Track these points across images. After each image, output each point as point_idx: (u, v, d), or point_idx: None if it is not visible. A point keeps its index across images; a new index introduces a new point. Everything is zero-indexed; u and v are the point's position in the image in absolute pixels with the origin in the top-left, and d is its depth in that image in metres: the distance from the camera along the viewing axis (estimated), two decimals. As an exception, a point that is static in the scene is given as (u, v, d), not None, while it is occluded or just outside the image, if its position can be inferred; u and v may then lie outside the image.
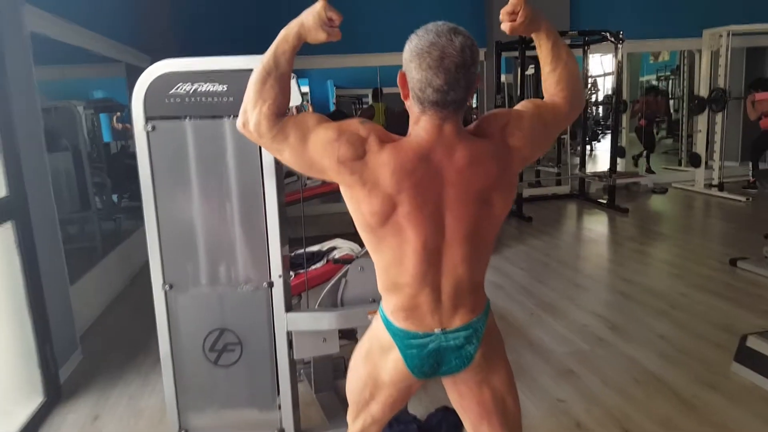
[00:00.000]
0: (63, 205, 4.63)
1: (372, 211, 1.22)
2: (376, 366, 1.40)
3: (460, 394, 1.44)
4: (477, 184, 1.24)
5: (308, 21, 1.23)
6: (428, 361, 1.34)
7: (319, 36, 1.25)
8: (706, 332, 3.22)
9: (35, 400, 2.75)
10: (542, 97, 1.43)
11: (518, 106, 1.36)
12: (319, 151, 1.22)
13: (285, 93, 1.26)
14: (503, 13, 1.30)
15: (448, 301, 1.31)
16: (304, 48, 1.31)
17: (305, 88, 9.38)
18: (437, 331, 1.32)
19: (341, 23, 1.26)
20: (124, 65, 5.42)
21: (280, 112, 1.25)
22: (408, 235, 1.24)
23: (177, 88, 2.10)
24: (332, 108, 9.36)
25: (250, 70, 2.01)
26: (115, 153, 6.73)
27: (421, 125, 1.24)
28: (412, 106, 1.25)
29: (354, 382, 1.48)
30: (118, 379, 3.07)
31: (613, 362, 2.94)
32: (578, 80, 1.41)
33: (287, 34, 1.25)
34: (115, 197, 6.27)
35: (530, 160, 1.36)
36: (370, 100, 9.03)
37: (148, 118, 2.12)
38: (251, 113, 1.24)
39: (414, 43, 1.19)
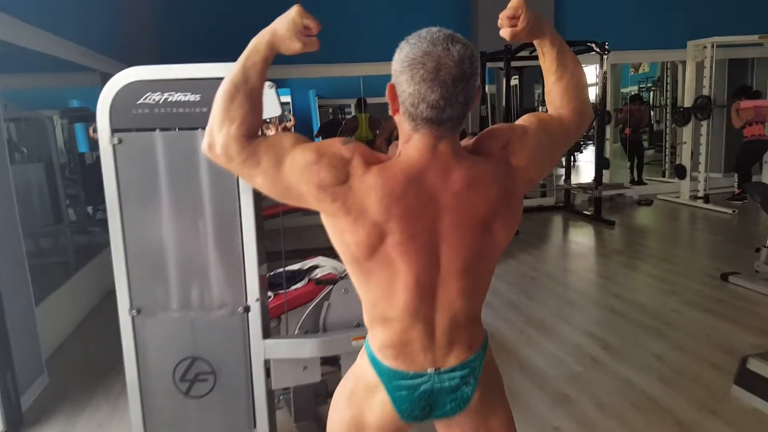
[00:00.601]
0: (34, 218, 4.45)
1: (358, 241, 1.07)
2: (360, 408, 1.25)
3: None
4: (476, 209, 1.10)
5: (281, 29, 1.10)
6: (420, 404, 1.20)
7: (294, 46, 1.11)
8: (703, 352, 3.12)
9: (-6, 430, 2.56)
10: (531, 109, 1.30)
11: (520, 121, 1.22)
12: (297, 176, 1.07)
13: (256, 111, 1.11)
14: (503, 18, 1.17)
15: (443, 338, 1.17)
16: (284, 57, 1.16)
17: (286, 98, 9.23)
18: (430, 371, 1.18)
19: (319, 32, 1.12)
20: (99, 74, 5.23)
21: (251, 133, 1.10)
22: (398, 267, 1.10)
23: (145, 98, 1.96)
24: (316, 118, 9.20)
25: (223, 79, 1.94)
26: (91, 164, 6.52)
27: (412, 144, 1.10)
28: (402, 123, 1.11)
29: (336, 425, 1.32)
30: (87, 404, 2.90)
31: (609, 385, 2.82)
32: (586, 90, 1.28)
33: (258, 43, 1.11)
34: (90, 209, 6.05)
35: (536, 180, 1.23)
36: (353, 110, 8.90)
37: (114, 131, 1.98)
38: (218, 134, 1.09)
39: (405, 52, 1.04)
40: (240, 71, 1.10)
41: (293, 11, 1.09)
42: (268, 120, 9.72)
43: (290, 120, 7.97)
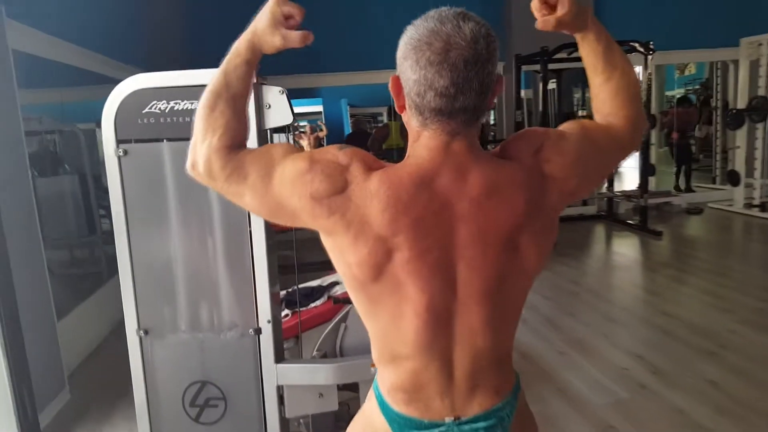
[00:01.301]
0: (67, 230, 4.48)
1: (360, 261, 0.90)
2: None
3: None
4: (498, 221, 0.91)
5: (260, 24, 0.97)
6: None
7: (275, 40, 0.97)
8: (764, 378, 2.84)
9: (10, 447, 2.50)
10: (570, 115, 1.10)
11: (561, 127, 1.03)
12: (288, 189, 0.91)
13: (240, 119, 0.98)
14: (536, 5, 1.00)
15: (464, 381, 0.98)
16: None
17: (318, 107, 9.19)
18: (448, 420, 0.99)
19: (304, 20, 0.97)
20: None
21: (235, 144, 0.96)
22: (408, 291, 0.91)
23: (151, 107, 1.85)
24: (348, 127, 9.12)
25: (233, 85, 1.81)
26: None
27: (421, 143, 0.92)
28: (410, 120, 0.94)
29: None
30: (105, 422, 2.85)
31: (659, 415, 2.58)
32: (639, 94, 1.09)
33: (238, 45, 0.99)
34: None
35: (576, 195, 1.02)
36: (385, 118, 8.79)
37: (119, 142, 1.87)
38: (199, 149, 0.96)
39: (409, 34, 0.88)
40: (220, 77, 0.99)
41: (270, 1, 0.95)
42: (301, 129, 9.73)
43: (322, 129, 7.90)
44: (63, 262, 4.44)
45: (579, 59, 1.11)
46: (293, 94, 1.89)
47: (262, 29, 0.96)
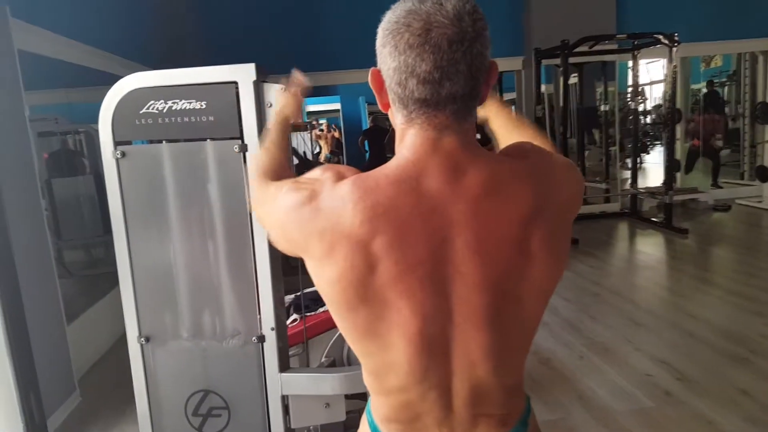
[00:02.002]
0: (82, 230, 4.49)
1: (339, 275, 0.78)
2: None
3: None
4: (502, 225, 0.78)
5: (288, 109, 1.33)
6: None
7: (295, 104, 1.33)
8: (798, 386, 2.69)
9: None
10: (592, 109, 1.01)
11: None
12: (273, 217, 0.89)
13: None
14: None
15: (465, 410, 0.86)
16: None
17: (336, 105, 9.13)
18: None
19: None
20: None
21: None
22: (397, 313, 0.79)
23: (149, 107, 1.79)
24: (366, 125, 9.06)
25: (232, 83, 1.73)
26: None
27: (406, 142, 0.81)
28: (395, 118, 0.84)
29: None
30: (114, 426, 2.83)
31: (684, 424, 2.45)
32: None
33: (272, 131, 1.25)
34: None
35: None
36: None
37: (117, 143, 1.81)
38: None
39: (387, 19, 0.78)
40: (266, 157, 1.14)
41: (292, 88, 1.32)
42: (320, 129, 9.67)
43: (333, 129, 7.86)
44: (79, 262, 4.45)
45: (601, 52, 1.04)
46: (311, 93, 1.82)
47: (290, 110, 1.30)
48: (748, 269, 4.73)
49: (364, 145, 7.74)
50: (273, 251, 1.83)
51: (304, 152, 7.29)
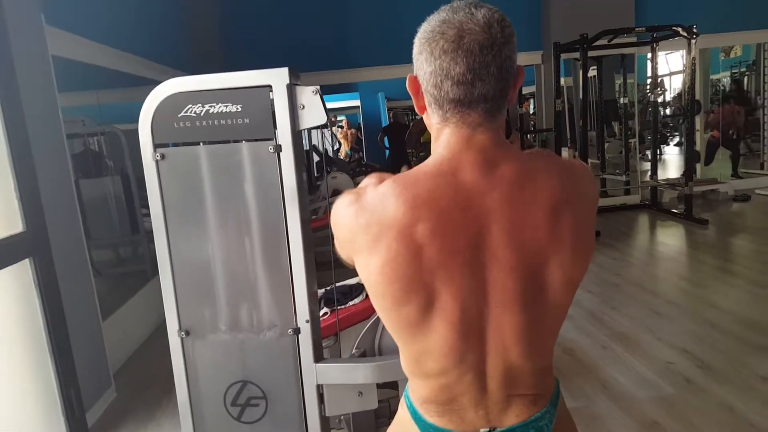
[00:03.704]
0: (111, 230, 4.59)
1: (383, 263, 0.85)
2: None
3: None
4: (537, 215, 0.85)
5: None
6: None
7: None
8: (820, 374, 2.71)
9: (60, 447, 2.58)
10: (611, 102, 1.05)
11: None
12: (333, 229, 0.96)
13: None
14: None
15: (498, 390, 0.93)
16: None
17: (356, 102, 9.19)
18: (483, 431, 0.95)
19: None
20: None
21: None
22: (439, 299, 0.86)
23: (187, 111, 1.86)
24: (385, 121, 9.11)
25: (266, 87, 1.81)
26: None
27: (442, 140, 0.89)
28: (430, 119, 0.92)
29: None
30: (150, 420, 2.90)
31: (707, 412, 2.49)
32: None
33: None
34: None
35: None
36: (422, 111, 8.74)
37: (156, 146, 1.89)
38: None
39: (422, 29, 0.87)
40: None
41: None
42: (339, 124, 9.74)
43: (344, 127, 7.93)
44: (108, 261, 4.56)
45: (619, 45, 1.08)
46: (330, 90, 1.89)
47: None
48: (767, 259, 4.74)
49: (384, 141, 7.81)
50: (307, 247, 1.91)
51: (326, 149, 7.38)
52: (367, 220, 0.86)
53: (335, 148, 9.29)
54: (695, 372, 2.85)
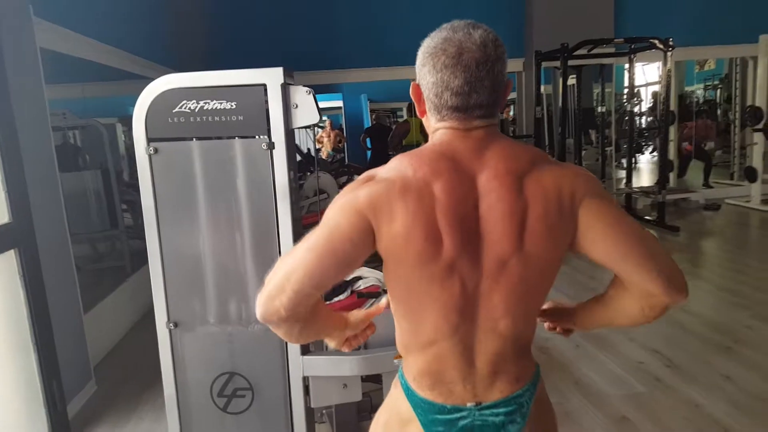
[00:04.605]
0: (90, 224, 4.56)
1: (413, 215, 0.92)
2: None
3: None
4: (526, 196, 0.95)
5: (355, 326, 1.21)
6: None
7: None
8: (780, 374, 2.85)
9: (40, 438, 2.58)
10: (589, 111, 1.14)
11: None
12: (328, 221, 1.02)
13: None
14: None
15: (485, 367, 1.03)
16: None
17: (338, 103, 9.24)
18: (470, 405, 1.04)
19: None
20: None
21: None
22: (441, 269, 0.95)
23: (181, 106, 1.91)
24: (368, 122, 9.17)
25: (261, 85, 1.86)
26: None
27: (439, 133, 1.01)
28: (429, 122, 1.03)
29: None
30: (131, 413, 2.90)
31: (674, 408, 2.60)
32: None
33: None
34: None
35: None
36: (404, 113, 8.82)
37: (150, 140, 1.93)
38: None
39: (426, 44, 0.98)
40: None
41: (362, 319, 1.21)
42: (321, 125, 9.77)
43: (326, 127, 7.97)
44: (87, 256, 4.53)
45: (599, 56, 1.17)
46: (314, 90, 1.94)
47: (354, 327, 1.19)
48: (735, 265, 4.91)
49: (366, 142, 7.87)
50: (297, 241, 1.96)
51: (308, 149, 7.41)
52: (388, 185, 0.94)
53: (316, 148, 9.33)
54: (664, 371, 2.96)
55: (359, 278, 2.69)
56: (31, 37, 2.90)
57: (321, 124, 9.61)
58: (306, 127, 2.48)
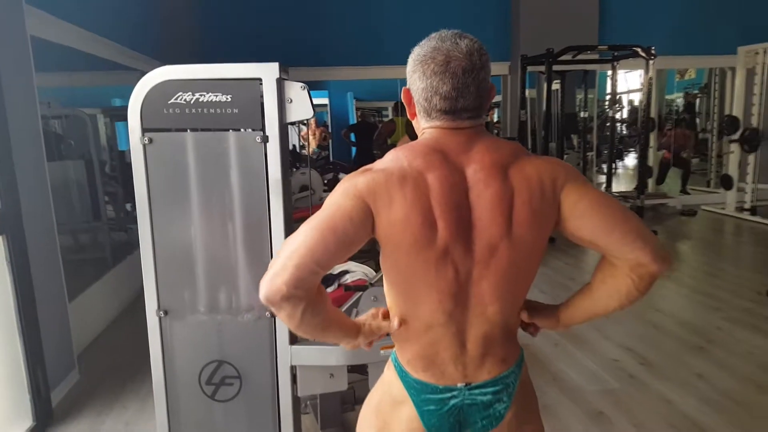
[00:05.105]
0: (72, 215, 4.53)
1: (411, 202, 0.99)
2: (386, 422, 1.19)
3: None
4: (511, 186, 1.03)
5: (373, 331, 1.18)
6: (449, 420, 1.13)
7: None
8: (748, 372, 2.97)
9: (24, 424, 2.60)
10: (572, 115, 1.22)
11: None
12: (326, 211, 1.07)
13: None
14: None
15: (475, 349, 1.10)
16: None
17: (324, 100, 9.26)
18: (460, 385, 1.12)
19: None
20: (140, 73, 5.31)
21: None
22: (440, 257, 1.02)
23: (177, 98, 1.93)
24: (353, 120, 9.20)
25: (257, 79, 1.91)
26: (130, 162, 6.61)
27: (428, 131, 1.09)
28: (418, 123, 1.11)
29: None
30: (115, 402, 2.91)
31: (647, 404, 2.70)
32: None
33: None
34: (128, 207, 6.16)
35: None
36: (390, 113, 8.88)
37: (144, 130, 1.96)
38: None
39: (416, 52, 1.06)
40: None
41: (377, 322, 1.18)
42: (305, 122, 9.82)
43: (311, 124, 7.98)
44: (68, 247, 4.51)
45: (583, 62, 1.24)
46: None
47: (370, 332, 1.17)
48: (709, 269, 5.06)
49: (349, 136, 7.91)
50: (288, 234, 2.01)
51: (294, 145, 7.43)
52: (386, 174, 1.01)
53: (301, 144, 9.36)
54: (638, 368, 3.06)
55: (346, 272, 2.74)
56: (22, 25, 2.90)
57: (304, 123, 9.63)
58: (292, 124, 2.52)
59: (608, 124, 7.85)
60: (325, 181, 5.29)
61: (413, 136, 1.21)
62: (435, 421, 1.13)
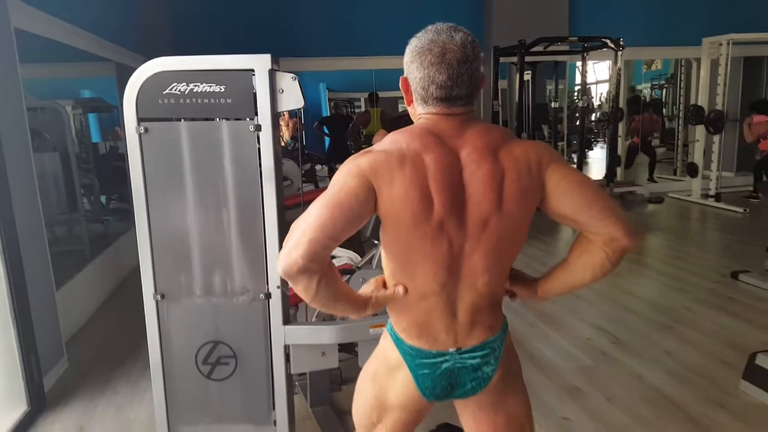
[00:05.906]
0: (49, 206, 4.50)
1: (410, 180, 1.09)
2: (383, 387, 1.31)
3: (475, 419, 1.35)
4: (500, 167, 1.13)
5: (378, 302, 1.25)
6: (441, 383, 1.25)
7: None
8: (713, 349, 3.15)
9: (19, 409, 2.64)
10: (542, 106, 1.35)
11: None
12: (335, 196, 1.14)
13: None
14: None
15: (465, 317, 1.22)
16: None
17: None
18: (452, 350, 1.23)
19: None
20: (114, 64, 5.29)
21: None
22: (436, 231, 1.12)
23: (171, 89, 1.99)
24: (326, 111, 9.23)
25: (250, 70, 1.99)
26: (104, 154, 6.58)
27: (424, 117, 1.19)
28: (414, 110, 1.21)
29: (360, 404, 1.38)
30: (106, 387, 2.96)
31: (619, 379, 2.86)
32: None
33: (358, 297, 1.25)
34: (104, 198, 6.12)
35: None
36: (362, 104, 8.92)
37: (140, 120, 2.01)
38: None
39: (414, 44, 1.15)
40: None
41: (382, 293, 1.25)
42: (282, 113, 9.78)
43: (285, 115, 7.99)
44: (51, 239, 4.48)
45: (554, 53, 1.36)
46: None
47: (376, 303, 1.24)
48: (675, 253, 5.28)
49: (322, 129, 7.90)
50: (280, 219, 2.09)
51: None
52: (386, 155, 1.11)
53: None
54: (610, 346, 3.23)
55: (333, 257, 2.84)
56: (6, 16, 2.90)
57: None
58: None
59: (578, 115, 8.04)
60: (303, 172, 5.34)
61: (390, 129, 1.31)
62: (429, 383, 1.24)
